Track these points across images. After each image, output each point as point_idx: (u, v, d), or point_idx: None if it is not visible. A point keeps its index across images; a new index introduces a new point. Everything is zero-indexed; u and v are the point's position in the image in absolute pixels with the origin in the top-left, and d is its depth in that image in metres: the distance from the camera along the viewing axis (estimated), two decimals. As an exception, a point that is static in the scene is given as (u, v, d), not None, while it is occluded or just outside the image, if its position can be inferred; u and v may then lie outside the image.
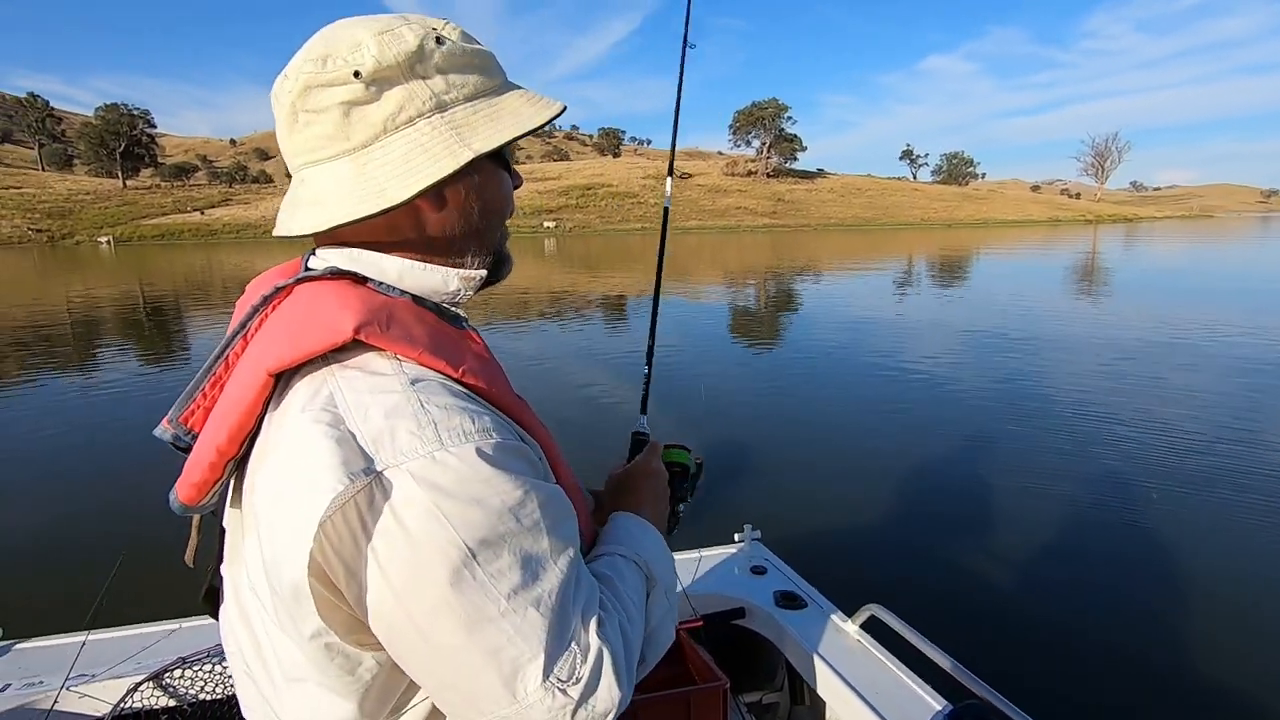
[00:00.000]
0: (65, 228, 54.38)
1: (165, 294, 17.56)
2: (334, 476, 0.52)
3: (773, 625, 1.77)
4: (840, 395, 6.62)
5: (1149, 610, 3.05)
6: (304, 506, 0.53)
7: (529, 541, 0.55)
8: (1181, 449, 4.89)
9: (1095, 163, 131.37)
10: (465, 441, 0.55)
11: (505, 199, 0.70)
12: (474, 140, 0.61)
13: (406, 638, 0.55)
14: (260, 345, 0.62)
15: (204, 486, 0.63)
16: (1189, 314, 11.26)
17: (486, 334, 0.68)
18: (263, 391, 0.59)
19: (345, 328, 0.57)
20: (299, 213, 0.62)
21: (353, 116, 0.59)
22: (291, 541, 0.54)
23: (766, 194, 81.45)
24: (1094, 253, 29.72)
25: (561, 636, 0.56)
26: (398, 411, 0.55)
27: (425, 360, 0.59)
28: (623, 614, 0.64)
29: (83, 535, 3.85)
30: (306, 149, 0.61)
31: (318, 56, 0.59)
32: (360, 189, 0.59)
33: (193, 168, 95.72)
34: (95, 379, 7.97)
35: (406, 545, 0.52)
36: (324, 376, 0.58)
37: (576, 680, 0.56)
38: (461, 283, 0.67)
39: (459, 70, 0.62)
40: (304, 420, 0.56)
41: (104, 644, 1.66)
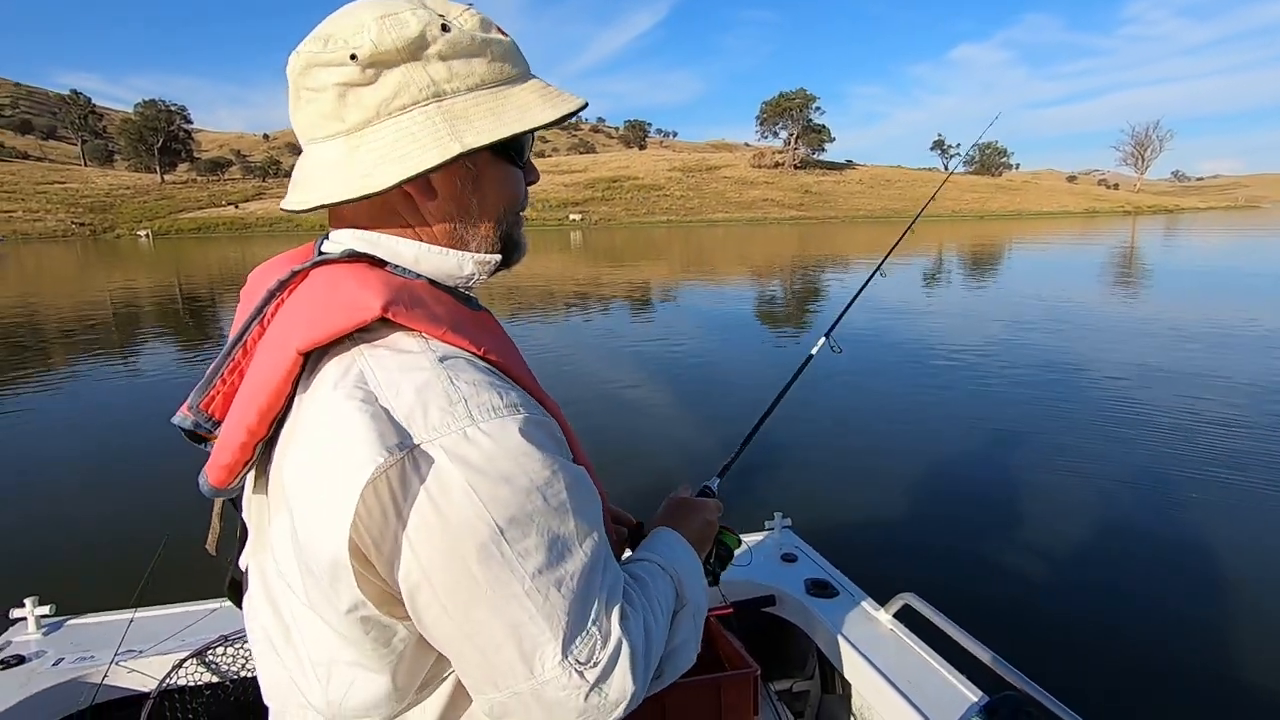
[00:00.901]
0: (106, 221, 56.01)
1: (201, 286, 18.00)
2: (371, 451, 0.53)
3: (804, 613, 1.76)
4: (872, 382, 6.55)
5: (1189, 606, 2.97)
6: (341, 481, 0.54)
7: (555, 522, 0.56)
8: (1226, 446, 4.75)
9: (1135, 152, 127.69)
10: (495, 417, 0.56)
11: (510, 195, 0.68)
12: (467, 134, 0.59)
13: (433, 610, 0.56)
14: (282, 327, 0.62)
15: (234, 468, 0.63)
16: (1232, 309, 10.90)
17: (515, 324, 0.67)
18: (292, 371, 0.59)
19: (373, 306, 0.57)
20: (300, 190, 0.63)
21: (348, 98, 0.59)
22: (329, 516, 0.55)
23: (794, 186, 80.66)
24: (1132, 245, 28.91)
25: (582, 619, 0.57)
26: (428, 388, 0.56)
27: (450, 339, 0.60)
28: (649, 614, 0.65)
29: (130, 517, 3.98)
30: (309, 125, 0.62)
31: (323, 36, 0.59)
32: (347, 171, 0.59)
33: (227, 162, 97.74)
34: (139, 366, 8.22)
35: (437, 520, 0.53)
36: (353, 355, 0.58)
37: (594, 664, 0.57)
38: (476, 266, 0.67)
39: (463, 58, 0.60)
40: (337, 397, 0.56)
41: (150, 621, 1.72)
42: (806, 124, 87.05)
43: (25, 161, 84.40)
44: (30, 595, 1.70)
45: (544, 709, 0.57)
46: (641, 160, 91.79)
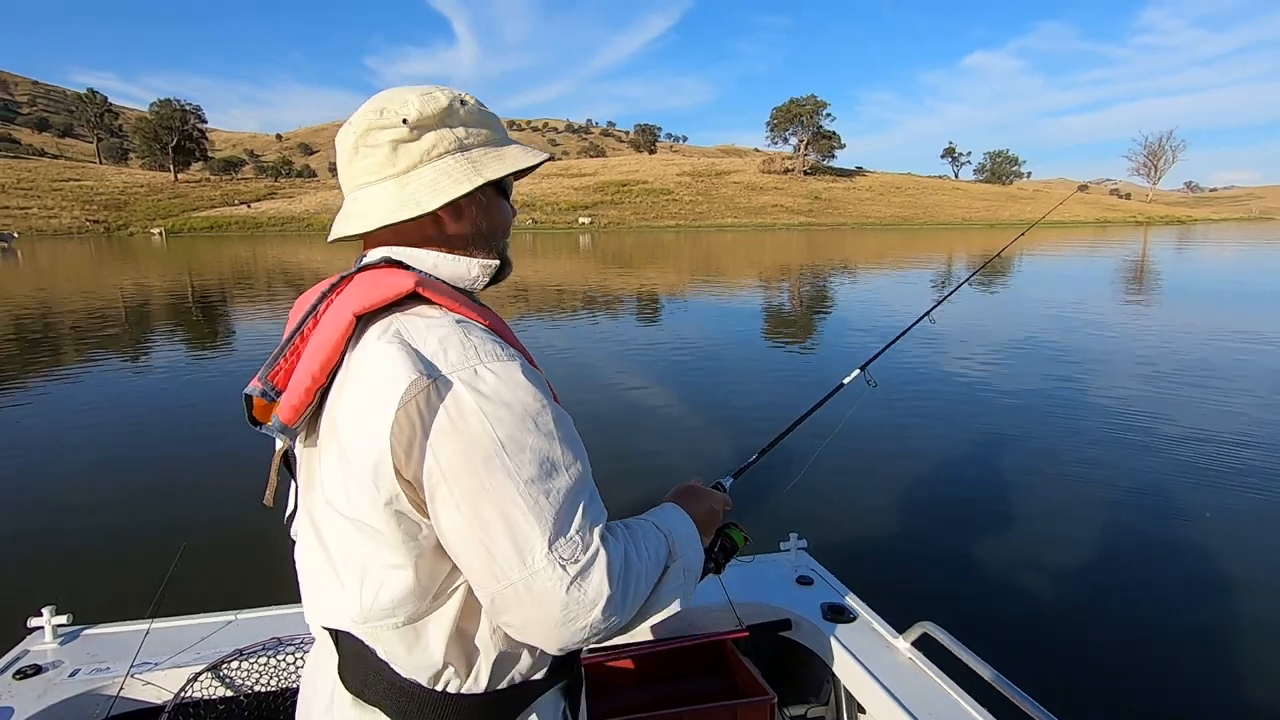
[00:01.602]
0: (120, 219, 56.48)
1: (213, 284, 18.09)
2: (408, 371, 0.70)
3: (820, 638, 1.74)
4: (890, 398, 6.47)
5: (1220, 640, 2.90)
6: (385, 396, 0.71)
7: (545, 445, 0.72)
8: (1257, 471, 4.69)
9: (1148, 162, 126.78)
10: (498, 360, 0.74)
11: (505, 219, 0.92)
12: (485, 170, 0.83)
13: (448, 505, 0.71)
14: (334, 312, 0.80)
15: (300, 409, 0.79)
16: (1250, 323, 10.79)
17: (526, 323, 0.73)
18: (347, 330, 0.77)
19: (408, 283, 0.77)
20: (352, 221, 0.84)
21: (399, 151, 0.81)
22: (375, 424, 0.71)
23: (803, 192, 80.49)
24: (1144, 256, 28.70)
25: (565, 524, 0.70)
26: (448, 339, 0.74)
27: (463, 311, 0.79)
28: (631, 547, 0.78)
29: (147, 524, 3.96)
30: (363, 173, 0.83)
31: (377, 109, 0.82)
32: (401, 201, 0.81)
33: (240, 162, 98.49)
34: (154, 368, 8.25)
35: (453, 432, 0.70)
36: (391, 319, 0.77)
37: (575, 561, 0.69)
38: (480, 269, 0.87)
39: (475, 124, 0.86)
40: (380, 344, 0.74)
41: (166, 633, 1.72)
42: (817, 130, 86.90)
43: (42, 159, 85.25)
44: (48, 604, 1.71)
45: (534, 599, 0.69)
46: (651, 164, 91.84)
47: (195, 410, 6.26)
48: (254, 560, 3.21)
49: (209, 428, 5.66)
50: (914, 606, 1.91)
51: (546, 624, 0.70)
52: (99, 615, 1.80)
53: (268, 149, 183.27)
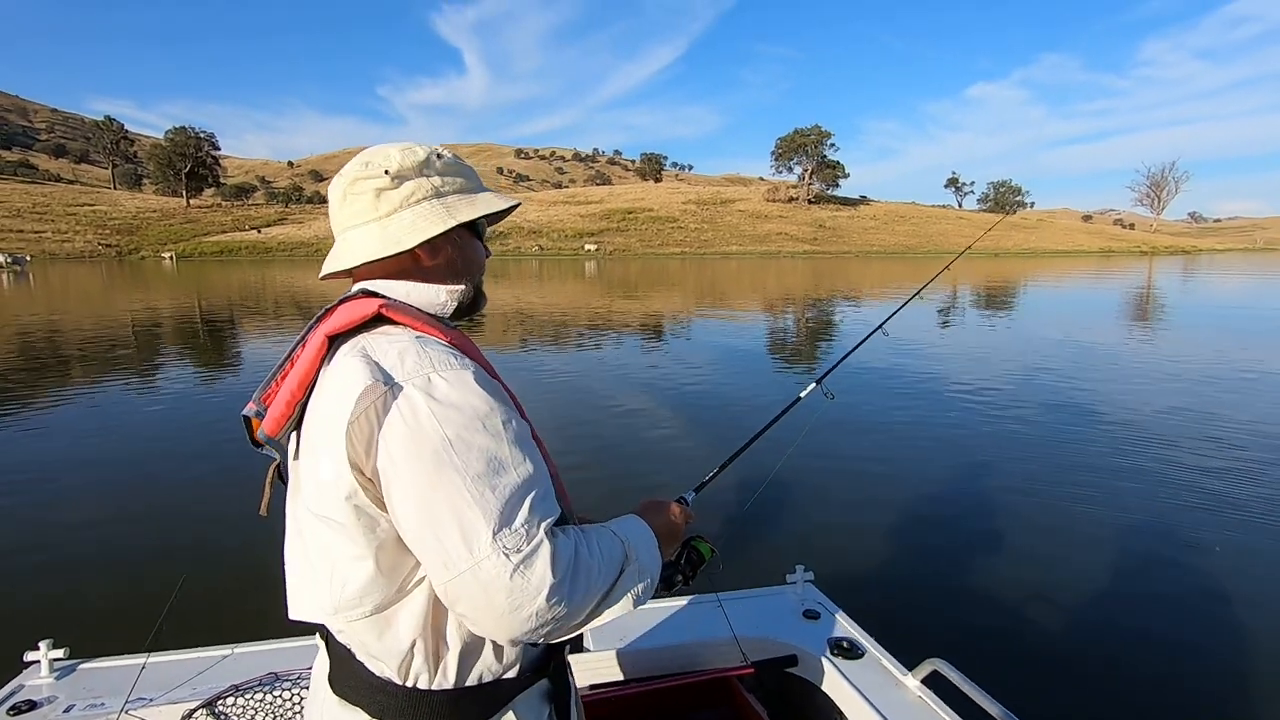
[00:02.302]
0: (132, 243, 57.21)
1: (221, 308, 18.22)
2: (364, 380, 0.80)
3: (828, 676, 1.70)
4: (898, 427, 6.42)
5: (1238, 677, 2.82)
6: (344, 401, 0.80)
7: (492, 445, 0.79)
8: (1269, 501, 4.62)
9: (1151, 193, 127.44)
10: (450, 369, 0.83)
11: (478, 257, 1.03)
12: (457, 214, 0.95)
13: (401, 502, 0.78)
14: (320, 328, 0.91)
15: (281, 421, 0.89)
16: (1255, 352, 10.73)
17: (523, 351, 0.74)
18: (321, 350, 0.88)
19: (373, 307, 0.88)
20: (340, 258, 0.95)
21: (381, 198, 0.93)
22: (334, 426, 0.81)
23: (808, 220, 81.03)
24: (1149, 285, 28.70)
25: (510, 516, 0.76)
26: (407, 351, 0.83)
27: (425, 329, 0.89)
28: (583, 543, 0.84)
29: (148, 555, 3.90)
30: (351, 217, 0.94)
31: (363, 162, 0.94)
32: (383, 240, 0.92)
33: (252, 188, 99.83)
34: (159, 393, 8.26)
35: (405, 429, 0.78)
36: (359, 339, 0.87)
37: (518, 551, 0.75)
38: (448, 295, 0.97)
39: (450, 174, 0.98)
40: (346, 359, 0.84)
41: (162, 667, 1.69)
42: (821, 160, 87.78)
43: (57, 184, 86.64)
44: (45, 638, 1.69)
45: (480, 586, 0.74)
46: (657, 193, 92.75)
47: (201, 436, 6.25)
48: (254, 592, 3.17)
49: (214, 454, 5.65)
50: (923, 640, 1.88)
51: (493, 611, 0.75)
52: (97, 648, 1.77)
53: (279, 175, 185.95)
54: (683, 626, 1.88)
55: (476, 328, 12.99)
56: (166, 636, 1.75)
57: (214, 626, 2.77)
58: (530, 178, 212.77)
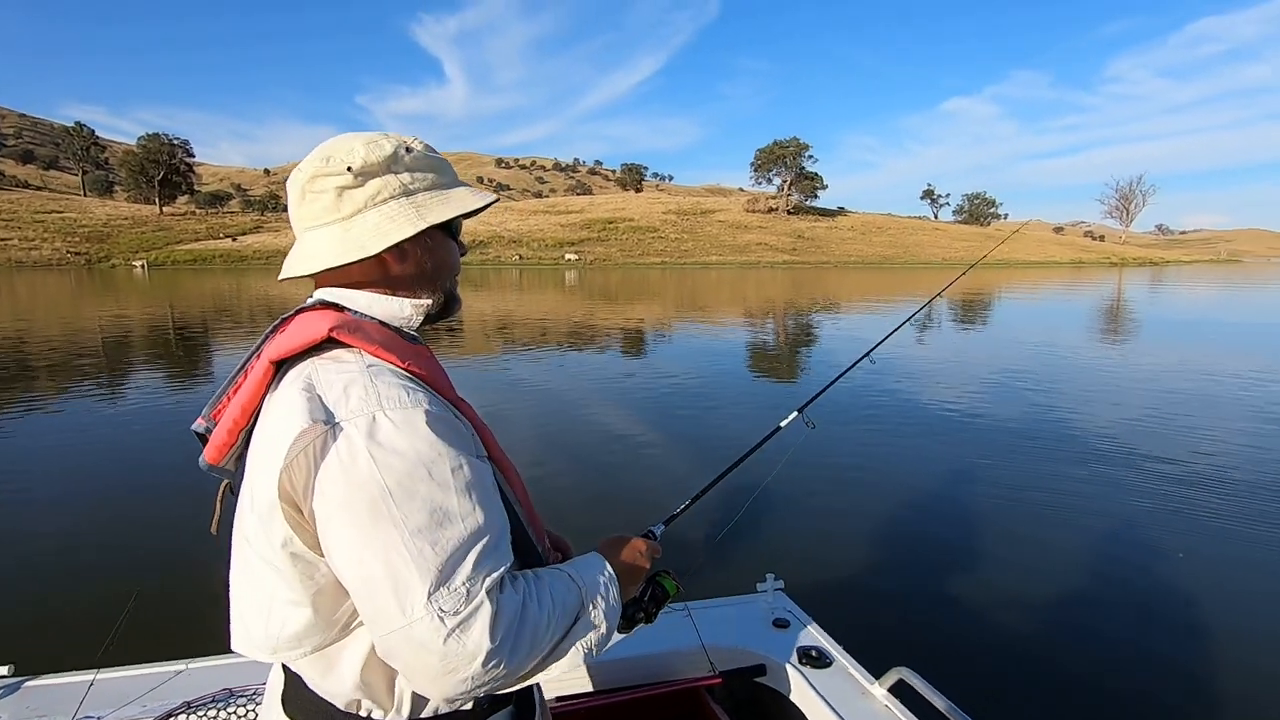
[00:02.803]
0: (103, 251, 56.01)
1: (194, 318, 17.91)
2: (301, 419, 0.74)
3: (795, 685, 1.69)
4: (870, 435, 6.48)
5: (1200, 679, 2.87)
6: (280, 439, 0.74)
7: (438, 494, 0.72)
8: (1232, 503, 4.72)
9: (1120, 205, 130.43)
10: (400, 408, 0.75)
11: (453, 260, 0.94)
12: (428, 214, 0.86)
13: (336, 551, 0.73)
14: (267, 349, 0.84)
15: (223, 449, 0.84)
16: (1229, 362, 10.99)
17: (507, 357, 0.73)
18: (266, 377, 0.82)
19: (323, 329, 0.79)
20: (298, 262, 0.87)
21: (344, 197, 0.84)
22: (270, 466, 0.75)
23: (787, 231, 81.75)
24: (1119, 296, 29.33)
25: (448, 575, 0.70)
26: (353, 383, 0.76)
27: (379, 354, 0.80)
28: (533, 597, 0.78)
29: (101, 568, 3.79)
30: (309, 217, 0.86)
31: (323, 157, 0.85)
32: (345, 244, 0.84)
33: (227, 196, 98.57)
34: (123, 404, 8.09)
35: (343, 476, 0.71)
36: (307, 365, 0.80)
37: (455, 614, 0.69)
38: (413, 309, 0.89)
39: (421, 170, 0.88)
40: (289, 390, 0.78)
41: (112, 683, 1.64)
42: (800, 171, 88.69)
43: (25, 191, 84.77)
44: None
45: (413, 648, 0.69)
46: (637, 203, 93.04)
47: (163, 447, 6.11)
48: (210, 606, 3.02)
49: (175, 466, 5.52)
50: (891, 648, 1.87)
51: (427, 673, 0.71)
52: (44, 665, 1.71)
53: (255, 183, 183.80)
54: (652, 636, 1.87)
55: (455, 339, 12.91)
56: (118, 652, 1.70)
57: (168, 641, 2.68)
58: (511, 187, 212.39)
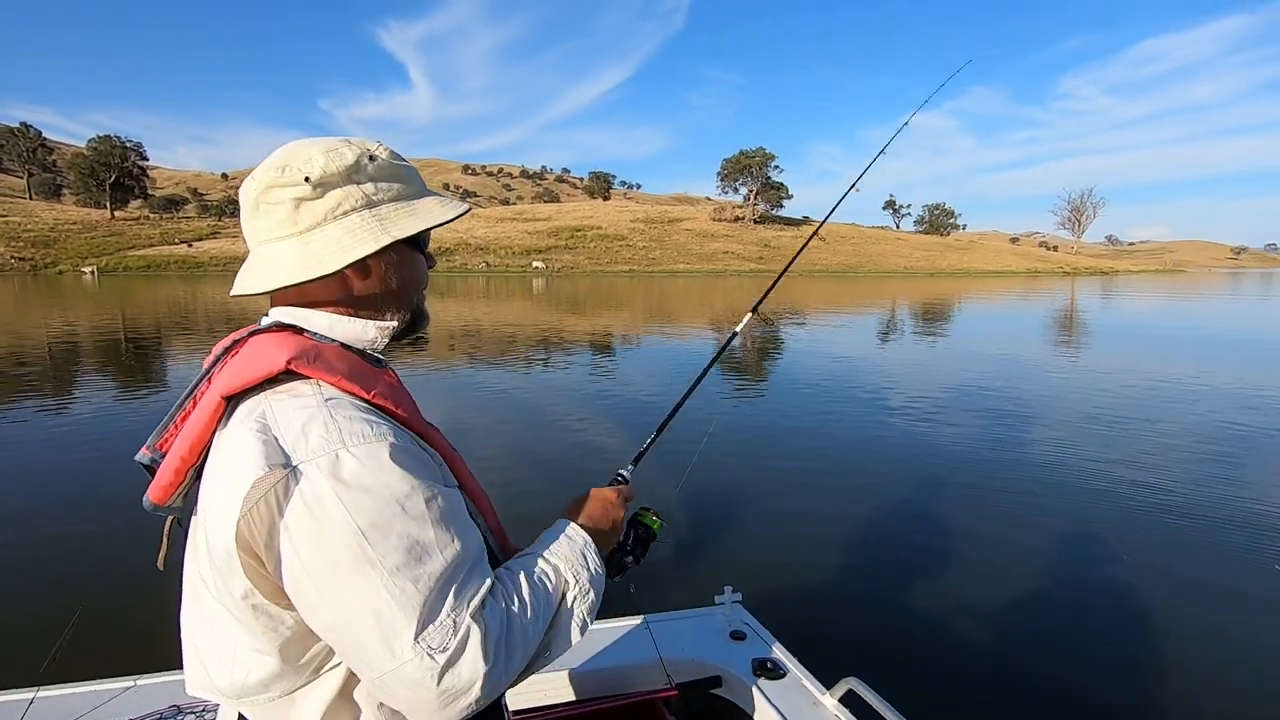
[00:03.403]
0: (49, 257, 53.92)
1: (148, 326, 17.35)
2: (256, 465, 0.68)
3: (750, 696, 1.72)
4: (829, 450, 6.53)
5: (1150, 684, 2.94)
6: (234, 488, 0.69)
7: (414, 529, 0.69)
8: (1175, 509, 4.91)
9: (1072, 217, 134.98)
10: (364, 443, 0.70)
11: (419, 274, 0.89)
12: (393, 228, 0.80)
13: (312, 600, 0.69)
14: (218, 380, 0.79)
15: (170, 489, 0.79)
16: (1180, 369, 11.44)
17: (473, 367, 0.74)
18: (216, 412, 0.76)
19: (280, 360, 0.74)
20: (253, 277, 0.80)
21: (301, 209, 0.78)
22: (224, 516, 0.70)
23: (753, 239, 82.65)
24: (1072, 304, 30.30)
25: (434, 611, 0.67)
26: (312, 420, 0.71)
27: (341, 385, 0.76)
28: (514, 601, 0.76)
29: (42, 583, 3.65)
30: (264, 230, 0.80)
31: (278, 165, 0.78)
32: (303, 260, 0.77)
33: (183, 200, 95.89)
34: (68, 415, 7.79)
35: (312, 523, 0.67)
36: (260, 400, 0.74)
37: (444, 650, 0.67)
38: (377, 332, 0.85)
39: (386, 179, 0.82)
40: (241, 430, 0.72)
41: (54, 701, 1.59)
42: (766, 181, 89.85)
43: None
44: (-81, 675, 1.56)
45: (408, 687, 0.67)
46: (605, 211, 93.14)
47: (110, 457, 5.90)
48: (158, 621, 2.94)
49: (122, 477, 5.34)
50: (845, 656, 1.90)
51: (425, 709, 0.68)
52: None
53: (213, 188, 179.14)
54: (610, 649, 1.88)
55: (419, 347, 12.74)
56: (60, 669, 1.65)
57: (114, 657, 2.59)
58: (478, 194, 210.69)
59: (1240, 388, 9.52)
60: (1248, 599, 3.57)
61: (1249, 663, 3.02)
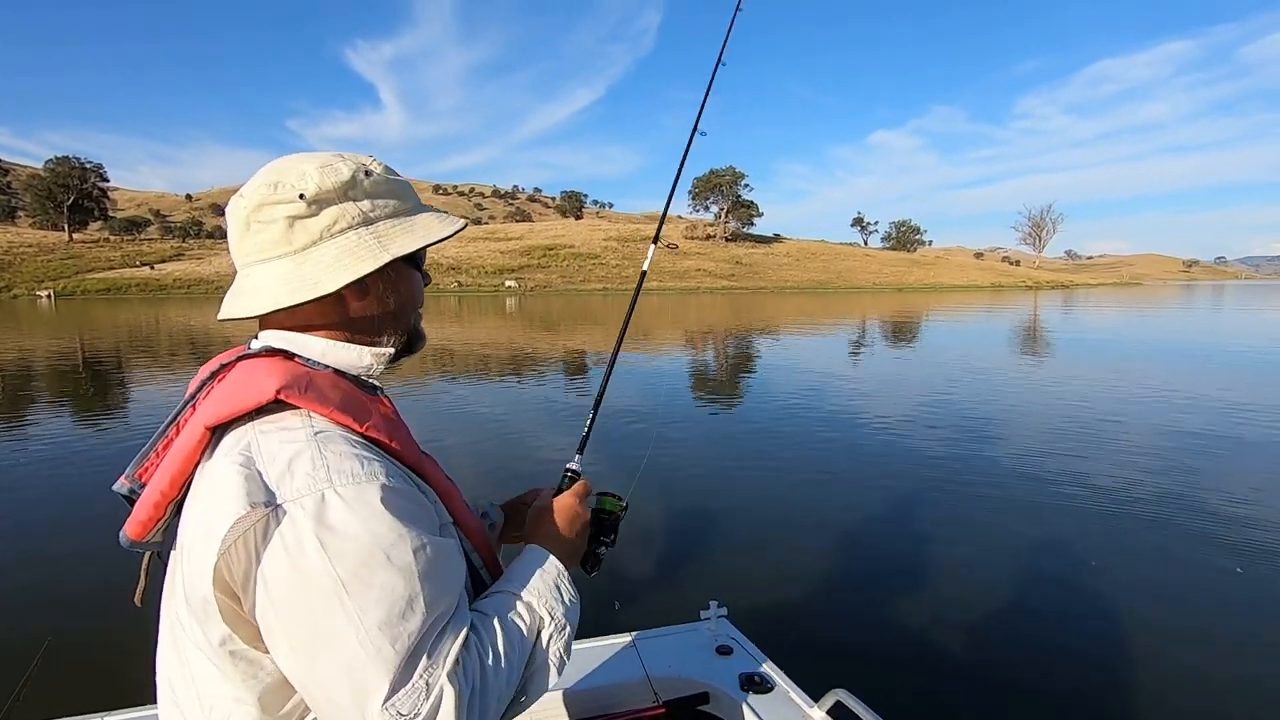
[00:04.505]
0: (3, 280, 52.32)
1: (107, 351, 16.87)
2: (237, 504, 0.64)
3: (737, 711, 1.71)
4: (810, 462, 6.56)
5: (1140, 684, 2.98)
6: (213, 528, 0.65)
7: (397, 581, 0.64)
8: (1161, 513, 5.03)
9: (1032, 232, 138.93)
10: (353, 483, 0.65)
11: (417, 293, 0.87)
12: (392, 246, 0.77)
13: (283, 647, 0.64)
14: (203, 408, 0.74)
15: (148, 524, 0.74)
16: (1149, 378, 11.76)
17: (447, 385, 0.73)
18: (200, 444, 0.71)
19: (269, 390, 0.70)
20: (243, 300, 0.76)
21: (295, 227, 0.74)
22: (202, 557, 0.65)
23: (725, 257, 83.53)
24: (1035, 316, 31.08)
25: (408, 672, 0.62)
26: (299, 457, 0.66)
27: (334, 417, 0.71)
28: (487, 653, 0.71)
29: (5, 617, 3.49)
30: (255, 250, 0.75)
31: (270, 182, 0.75)
32: (297, 281, 0.73)
33: (145, 222, 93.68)
34: (22, 443, 7.53)
35: (290, 568, 0.62)
36: (246, 431, 0.70)
37: (415, 714, 0.62)
38: (373, 358, 0.81)
39: (382, 196, 0.79)
40: (224, 464, 0.68)
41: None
42: (736, 199, 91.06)
43: (-86, 216, 78.56)
44: (-125, 716, 1.49)
45: None
46: (578, 229, 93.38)
47: (75, 485, 5.71)
48: (129, 655, 2.83)
49: (89, 506, 5.16)
50: (832, 667, 1.91)
51: None
52: (-61, 725, 1.58)
53: (176, 209, 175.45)
54: (596, 668, 1.86)
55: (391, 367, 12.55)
56: (26, 706, 1.58)
57: (82, 692, 2.49)
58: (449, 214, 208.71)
59: (1205, 397, 9.83)
60: (1214, 601, 3.67)
61: (1218, 662, 3.10)
